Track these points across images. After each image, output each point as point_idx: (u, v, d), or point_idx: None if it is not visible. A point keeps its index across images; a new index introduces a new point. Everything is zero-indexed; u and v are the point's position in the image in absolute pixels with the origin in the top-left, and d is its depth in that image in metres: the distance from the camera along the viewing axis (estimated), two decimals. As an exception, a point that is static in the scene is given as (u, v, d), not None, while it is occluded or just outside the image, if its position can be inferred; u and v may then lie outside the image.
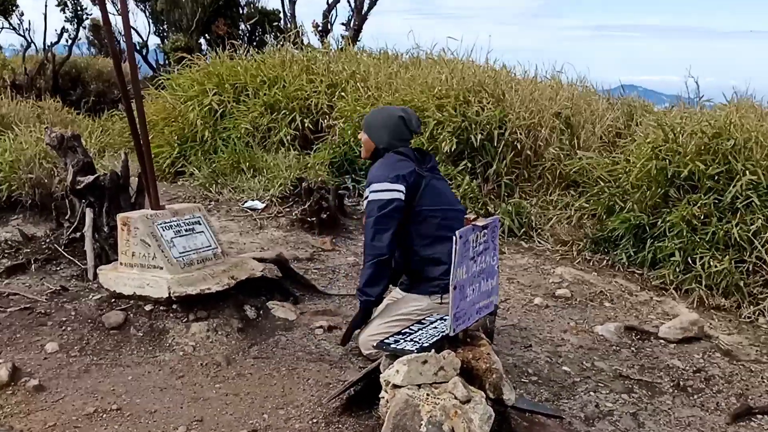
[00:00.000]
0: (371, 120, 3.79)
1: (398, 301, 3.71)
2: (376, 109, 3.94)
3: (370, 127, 3.78)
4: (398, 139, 3.70)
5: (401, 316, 3.56)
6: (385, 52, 9.29)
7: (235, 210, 6.21)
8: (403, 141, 3.71)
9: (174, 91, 8.43)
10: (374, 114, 3.83)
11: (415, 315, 3.51)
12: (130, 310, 3.90)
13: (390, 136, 3.70)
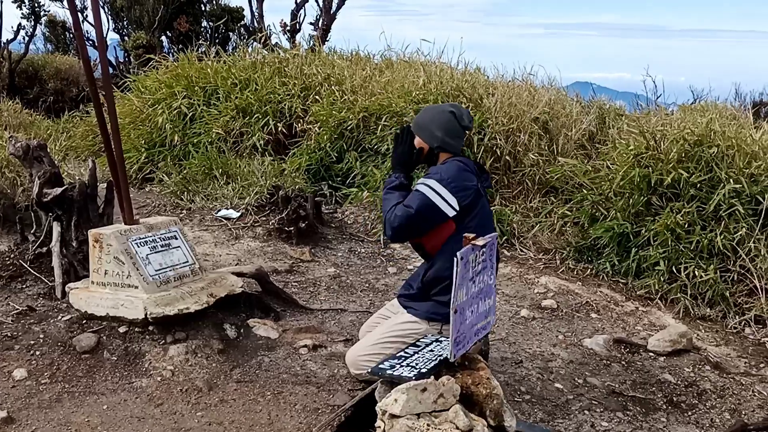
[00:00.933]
0: (421, 120, 3.49)
1: (394, 319, 3.51)
2: (423, 108, 3.66)
3: (420, 128, 3.47)
4: (452, 136, 3.43)
5: (395, 338, 3.40)
6: (357, 53, 9.14)
7: (208, 219, 6.01)
8: (457, 139, 3.45)
9: (141, 94, 8.16)
10: (423, 113, 3.54)
11: (410, 339, 3.35)
12: (103, 333, 3.72)
13: (443, 133, 3.42)
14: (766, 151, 5.12)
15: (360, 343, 3.53)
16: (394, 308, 3.62)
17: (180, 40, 16.05)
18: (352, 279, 5.08)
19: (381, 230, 5.89)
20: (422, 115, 3.51)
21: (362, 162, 6.61)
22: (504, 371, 3.84)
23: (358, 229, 6.07)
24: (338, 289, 4.88)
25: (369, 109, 6.80)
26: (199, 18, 16.93)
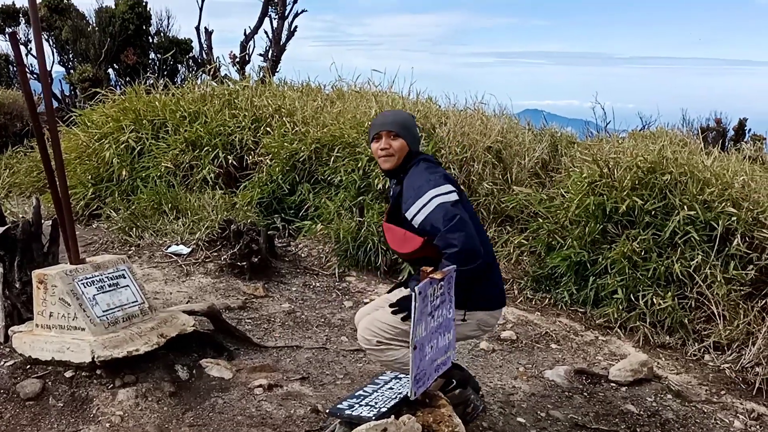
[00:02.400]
0: (404, 122, 3.34)
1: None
2: (393, 111, 3.57)
3: (407, 130, 3.33)
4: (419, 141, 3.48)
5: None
6: (307, 84, 9.09)
7: (158, 256, 5.83)
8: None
9: (87, 128, 7.94)
10: (395, 115, 3.41)
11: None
12: (49, 378, 3.53)
13: (419, 138, 3.45)
14: (718, 178, 5.19)
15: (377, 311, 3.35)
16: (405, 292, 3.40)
17: (127, 73, 15.82)
18: (307, 314, 4.97)
19: (336, 263, 5.80)
20: (403, 118, 3.38)
21: (315, 194, 6.52)
22: (466, 406, 3.75)
23: (313, 263, 5.96)
24: (293, 325, 4.76)
25: (321, 140, 6.73)
26: (146, 50, 16.74)
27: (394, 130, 3.28)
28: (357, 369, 4.11)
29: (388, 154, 3.29)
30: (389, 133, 3.29)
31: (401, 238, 3.26)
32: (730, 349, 4.58)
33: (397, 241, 3.29)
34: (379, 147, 3.31)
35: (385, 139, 3.29)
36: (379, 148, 3.31)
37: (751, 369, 4.40)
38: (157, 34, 16.89)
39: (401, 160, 3.30)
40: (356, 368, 4.13)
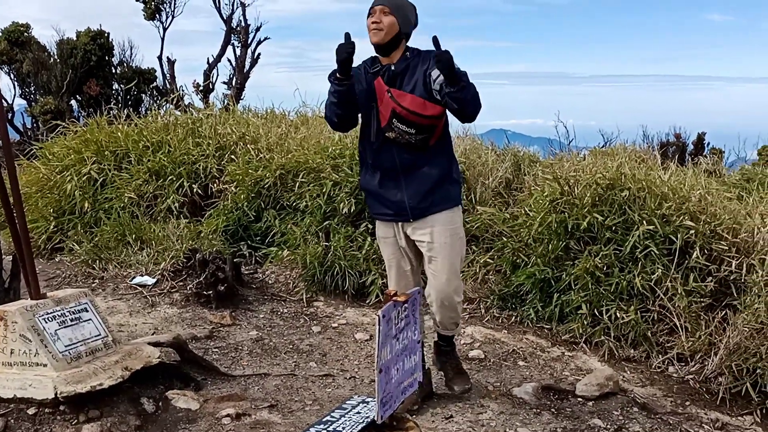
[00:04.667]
0: (399, 2, 3.63)
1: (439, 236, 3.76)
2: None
3: (400, 10, 3.61)
4: (414, 28, 3.72)
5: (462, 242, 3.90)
6: (272, 111, 9.11)
7: (122, 287, 5.77)
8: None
9: (48, 161, 7.87)
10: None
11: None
12: (11, 416, 3.48)
13: (413, 22, 3.70)
14: (676, 192, 5.28)
15: (446, 279, 3.72)
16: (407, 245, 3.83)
17: (90, 104, 15.74)
18: (275, 341, 4.95)
19: (303, 289, 5.79)
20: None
21: (281, 220, 6.52)
22: (435, 427, 3.76)
23: (280, 289, 5.95)
24: (261, 353, 4.73)
25: (285, 166, 6.74)
26: (109, 81, 16.69)
27: (388, 6, 3.57)
28: (326, 394, 4.10)
29: (377, 28, 3.57)
30: (383, 9, 3.57)
31: (421, 103, 3.58)
32: (693, 360, 4.64)
33: (418, 105, 3.58)
34: (370, 21, 3.60)
35: (378, 13, 3.57)
36: (370, 22, 3.60)
37: (714, 379, 4.46)
38: (120, 64, 16.85)
39: (389, 36, 3.58)
40: (325, 393, 4.11)
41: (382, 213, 3.85)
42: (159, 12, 13.81)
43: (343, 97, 3.59)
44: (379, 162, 3.76)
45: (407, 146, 3.67)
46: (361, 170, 3.94)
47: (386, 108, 3.64)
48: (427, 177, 3.69)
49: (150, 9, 13.78)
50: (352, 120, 3.79)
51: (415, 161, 3.69)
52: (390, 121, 3.64)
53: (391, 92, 3.62)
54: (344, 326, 5.26)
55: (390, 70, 3.66)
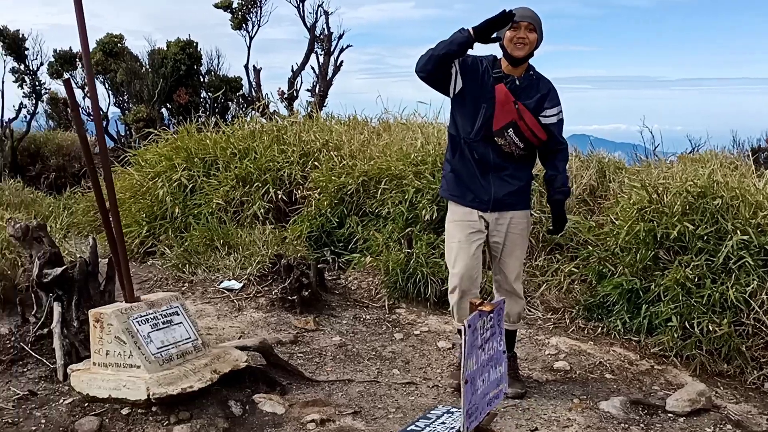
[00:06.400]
0: (540, 21, 3.90)
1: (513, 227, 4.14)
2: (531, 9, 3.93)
3: (539, 26, 3.90)
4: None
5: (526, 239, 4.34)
6: (354, 117, 9.19)
7: (211, 291, 5.93)
8: None
9: (141, 167, 8.18)
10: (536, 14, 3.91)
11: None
12: (105, 415, 3.62)
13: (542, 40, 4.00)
14: (772, 201, 5.06)
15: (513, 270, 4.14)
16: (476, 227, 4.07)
17: (180, 112, 16.25)
18: (358, 347, 4.98)
19: (385, 296, 5.81)
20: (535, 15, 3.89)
21: (364, 226, 6.57)
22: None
23: (363, 295, 5.99)
24: (344, 359, 4.77)
25: (368, 173, 6.80)
26: (198, 89, 17.18)
27: (533, 23, 3.85)
28: (409, 402, 4.10)
29: (523, 43, 3.84)
30: (528, 25, 3.84)
31: (535, 125, 3.93)
32: (792, 377, 4.43)
33: (536, 125, 3.93)
34: (516, 35, 3.83)
35: (524, 30, 3.83)
36: (516, 36, 3.83)
37: (816, 397, 4.25)
38: (208, 73, 17.31)
39: (530, 51, 3.88)
40: (408, 401, 4.12)
41: (461, 196, 4.10)
42: (245, 22, 14.13)
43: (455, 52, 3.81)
44: (473, 154, 4.02)
45: (506, 154, 3.98)
46: (452, 152, 4.14)
47: (505, 116, 3.89)
48: (512, 178, 4.03)
49: (237, 19, 14.12)
50: (439, 76, 3.93)
51: (505, 164, 4.01)
52: (504, 129, 3.91)
53: (519, 105, 3.89)
54: (426, 334, 5.25)
55: (514, 82, 3.94)
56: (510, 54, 3.89)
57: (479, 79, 3.94)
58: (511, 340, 4.25)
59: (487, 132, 3.94)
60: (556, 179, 4.07)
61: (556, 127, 4.02)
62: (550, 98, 3.97)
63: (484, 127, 3.94)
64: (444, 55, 3.82)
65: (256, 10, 13.90)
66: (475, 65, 3.97)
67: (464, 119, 4.01)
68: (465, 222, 4.07)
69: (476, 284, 4.12)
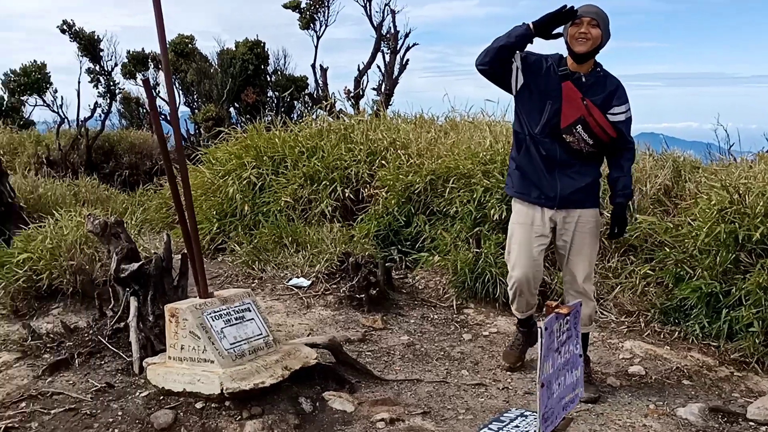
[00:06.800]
0: (604, 16, 3.83)
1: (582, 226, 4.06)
2: (595, 5, 3.89)
3: (605, 24, 3.84)
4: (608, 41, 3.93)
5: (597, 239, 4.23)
6: (420, 116, 9.16)
7: (280, 288, 5.99)
8: None
9: (212, 166, 8.33)
10: (601, 9, 3.84)
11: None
12: (180, 409, 3.66)
13: (609, 36, 3.91)
14: None
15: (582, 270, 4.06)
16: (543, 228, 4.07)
17: (247, 111, 16.53)
18: (426, 347, 4.95)
19: (453, 295, 5.76)
20: (599, 10, 3.82)
21: (431, 225, 6.53)
22: (594, 445, 3.62)
23: (430, 294, 5.95)
24: (413, 358, 4.75)
25: (436, 171, 6.75)
26: (265, 89, 17.44)
27: (596, 19, 3.77)
28: (479, 404, 4.05)
29: (585, 38, 3.78)
30: (591, 20, 3.78)
31: (604, 121, 3.87)
32: None
33: (605, 122, 3.87)
34: (578, 31, 3.78)
35: (586, 25, 3.77)
36: (578, 32, 3.79)
37: None
38: (275, 72, 17.56)
39: (593, 47, 3.80)
40: (478, 403, 4.06)
41: (527, 193, 4.07)
42: (313, 21, 14.26)
43: (512, 44, 3.82)
44: (539, 150, 3.98)
45: (573, 151, 3.93)
46: (517, 148, 4.11)
47: (573, 112, 3.85)
48: (580, 176, 3.97)
49: (305, 18, 14.27)
50: (497, 70, 3.94)
51: (572, 161, 3.96)
52: (573, 126, 3.87)
53: (587, 101, 3.84)
54: (495, 335, 5.18)
55: (580, 79, 3.90)
56: (572, 50, 3.86)
57: (544, 75, 3.92)
58: (584, 342, 4.17)
59: (554, 129, 3.91)
60: (619, 181, 3.99)
61: (624, 125, 3.96)
62: (618, 96, 3.91)
63: (550, 124, 3.91)
64: (501, 47, 3.82)
65: (323, 9, 14.00)
66: (539, 62, 3.95)
67: (529, 116, 3.98)
68: (527, 225, 4.07)
69: (535, 287, 4.21)
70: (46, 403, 3.76)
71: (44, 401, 3.78)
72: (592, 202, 4.07)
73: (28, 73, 15.08)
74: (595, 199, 4.10)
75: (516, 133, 4.10)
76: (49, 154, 13.16)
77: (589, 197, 4.04)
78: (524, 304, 4.30)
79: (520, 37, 3.79)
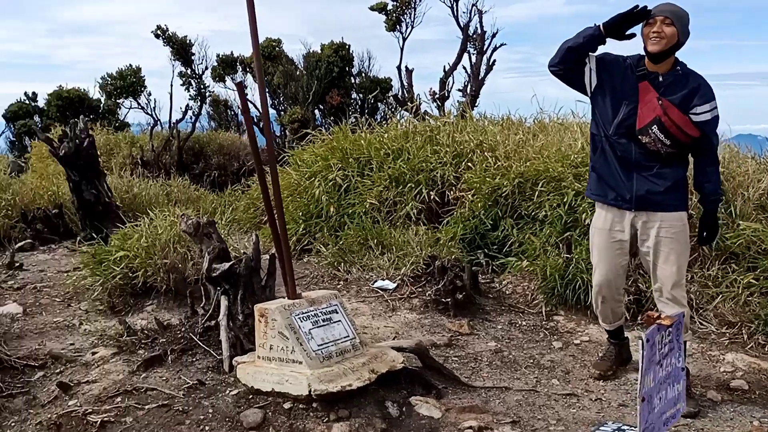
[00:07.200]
0: (679, 13, 3.72)
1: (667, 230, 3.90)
2: (672, 3, 3.79)
3: (680, 21, 3.71)
4: (687, 38, 3.79)
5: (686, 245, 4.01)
6: (508, 117, 9.00)
7: (365, 290, 5.98)
8: None
9: (298, 167, 8.42)
10: (676, 7, 3.74)
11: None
12: (269, 408, 3.69)
13: (688, 34, 3.78)
14: None
15: (670, 276, 3.89)
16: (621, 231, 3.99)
17: (331, 113, 16.69)
18: (514, 354, 4.84)
19: (542, 302, 5.62)
20: (673, 8, 3.71)
21: (519, 229, 6.39)
22: (695, 463, 3.44)
23: (518, 300, 5.83)
24: (501, 365, 4.65)
25: (524, 174, 6.61)
26: (349, 91, 17.57)
27: (670, 17, 3.67)
28: (570, 415, 3.92)
29: (659, 37, 3.68)
30: (665, 19, 3.67)
31: (686, 121, 3.73)
32: None
33: (684, 121, 3.72)
34: (651, 30, 3.69)
35: (660, 23, 3.67)
36: (651, 31, 3.69)
37: None
38: (359, 74, 17.67)
39: (668, 46, 3.68)
40: (569, 414, 3.93)
41: (603, 195, 4.02)
42: (399, 23, 14.25)
43: (581, 45, 3.80)
44: (615, 151, 3.91)
45: (651, 152, 3.81)
46: (593, 150, 4.07)
47: (649, 113, 3.75)
48: (659, 178, 3.83)
49: (391, 20, 14.27)
50: (569, 72, 3.93)
51: (650, 162, 3.84)
52: (648, 126, 3.76)
53: (663, 101, 3.72)
54: (587, 344, 5.02)
55: (657, 78, 3.78)
56: (646, 49, 3.78)
57: (620, 76, 3.87)
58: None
59: (629, 129, 3.83)
60: (704, 187, 3.90)
61: (709, 125, 3.79)
62: (700, 94, 3.75)
63: (625, 124, 3.84)
64: (569, 49, 3.83)
65: (410, 11, 13.98)
66: (615, 63, 3.90)
67: (604, 116, 3.93)
68: (605, 230, 4.04)
69: (618, 291, 4.19)
70: (140, 399, 3.85)
71: (139, 396, 3.88)
72: (676, 206, 3.90)
73: (124, 76, 15.64)
74: (680, 202, 3.92)
75: (592, 135, 4.06)
76: (143, 155, 13.62)
77: (671, 200, 3.87)
78: (609, 313, 4.24)
79: (588, 38, 3.79)
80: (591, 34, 3.78)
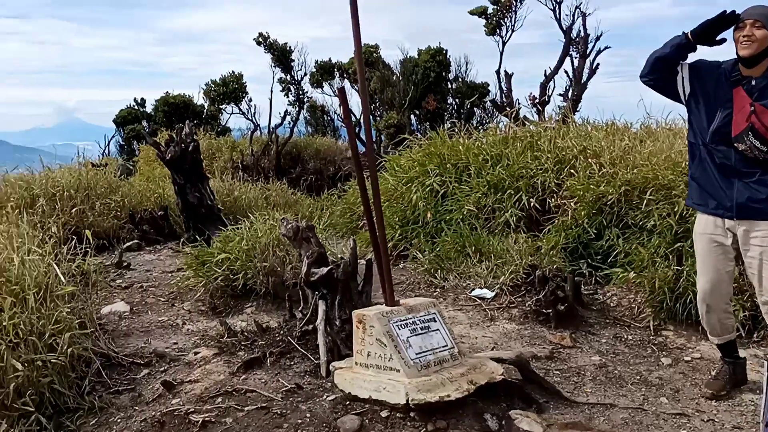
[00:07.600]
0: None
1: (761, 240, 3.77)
2: (763, 5, 3.71)
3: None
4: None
5: None
6: (612, 122, 8.68)
7: (462, 299, 5.87)
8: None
9: (395, 172, 8.39)
10: (763, 8, 3.66)
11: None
12: (366, 416, 3.65)
13: None
14: None
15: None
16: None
17: (427, 118, 16.65)
18: (620, 369, 4.62)
19: (650, 315, 5.36)
20: (764, 10, 3.62)
21: (625, 239, 6.12)
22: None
23: (623, 313, 5.58)
24: (605, 381, 4.45)
25: (631, 182, 6.33)
26: (445, 96, 17.49)
27: (760, 20, 3.59)
28: (681, 437, 3.70)
29: (749, 41, 3.60)
30: (754, 22, 3.60)
31: None
32: None
33: None
34: (741, 34, 3.63)
35: (749, 27, 3.60)
36: (741, 35, 3.63)
37: None
38: (455, 79, 17.56)
39: (759, 49, 3.59)
40: (680, 436, 3.72)
41: (704, 204, 3.94)
42: (499, 27, 14.07)
43: (668, 54, 3.77)
44: (713, 159, 3.82)
45: (750, 159, 3.68)
46: (691, 158, 4.00)
47: (743, 119, 3.65)
48: (761, 185, 3.70)
49: (491, 24, 14.11)
50: (659, 81, 3.89)
51: (751, 169, 3.73)
52: (744, 133, 3.66)
53: (755, 107, 3.61)
54: (699, 361, 4.75)
55: (750, 82, 3.70)
56: (738, 54, 3.70)
57: (714, 82, 3.80)
58: None
59: (725, 137, 3.74)
60: None
61: None
62: None
63: (720, 132, 3.76)
64: (657, 59, 3.82)
65: (510, 14, 13.78)
66: (709, 69, 3.84)
67: (699, 124, 3.88)
68: (705, 235, 3.98)
69: (724, 299, 4.06)
70: (240, 400, 3.88)
71: (238, 398, 3.91)
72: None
73: (227, 83, 16.11)
74: None
75: (690, 144, 4.00)
76: (243, 159, 13.95)
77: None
78: (716, 324, 4.09)
79: (675, 47, 3.77)
80: (678, 43, 3.76)
